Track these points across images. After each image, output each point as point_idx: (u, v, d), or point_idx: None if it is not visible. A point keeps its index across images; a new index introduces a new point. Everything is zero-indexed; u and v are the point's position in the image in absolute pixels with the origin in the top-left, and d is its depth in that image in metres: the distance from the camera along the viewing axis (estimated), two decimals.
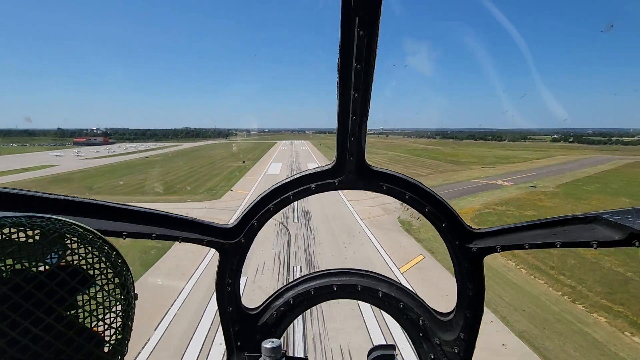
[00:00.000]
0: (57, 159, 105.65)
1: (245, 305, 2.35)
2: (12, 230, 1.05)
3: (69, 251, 1.15)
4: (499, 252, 2.01)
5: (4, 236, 1.04)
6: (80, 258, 1.17)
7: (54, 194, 1.64)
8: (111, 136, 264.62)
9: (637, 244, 1.53)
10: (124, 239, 1.77)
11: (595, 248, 1.66)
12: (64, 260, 1.14)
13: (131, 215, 1.87)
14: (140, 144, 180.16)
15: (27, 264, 1.06)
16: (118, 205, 1.83)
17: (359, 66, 1.64)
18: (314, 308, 2.86)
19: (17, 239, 1.05)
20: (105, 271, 1.22)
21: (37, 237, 1.09)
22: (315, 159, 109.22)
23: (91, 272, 1.19)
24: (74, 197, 1.71)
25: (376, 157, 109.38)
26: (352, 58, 1.63)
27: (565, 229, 1.80)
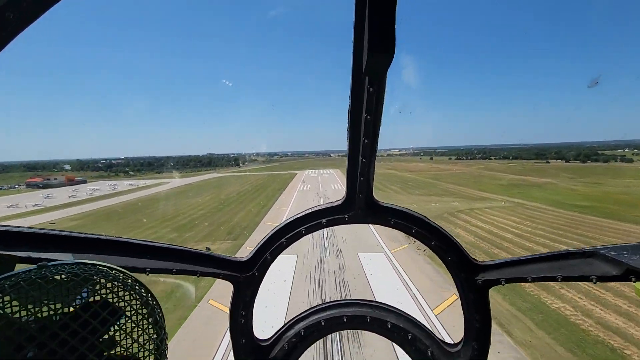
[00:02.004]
0: None
1: (257, 337, 2.37)
2: (57, 277, 1.13)
3: (109, 293, 1.21)
4: (503, 284, 2.07)
5: (52, 282, 1.12)
6: (118, 299, 1.23)
7: (83, 233, 1.74)
8: (116, 167, 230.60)
9: (633, 279, 1.58)
10: (147, 275, 1.82)
11: (595, 283, 1.72)
12: (100, 299, 1.19)
13: (153, 252, 1.92)
14: (114, 182, 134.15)
15: (61, 306, 1.11)
16: (141, 242, 1.91)
17: (368, 117, 1.74)
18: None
19: (57, 284, 1.13)
20: (139, 309, 1.28)
21: (75, 280, 1.16)
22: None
23: (128, 313, 1.24)
24: (102, 235, 1.79)
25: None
26: (362, 110, 1.73)
27: (566, 263, 1.86)
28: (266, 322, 15.85)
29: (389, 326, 2.36)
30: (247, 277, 2.20)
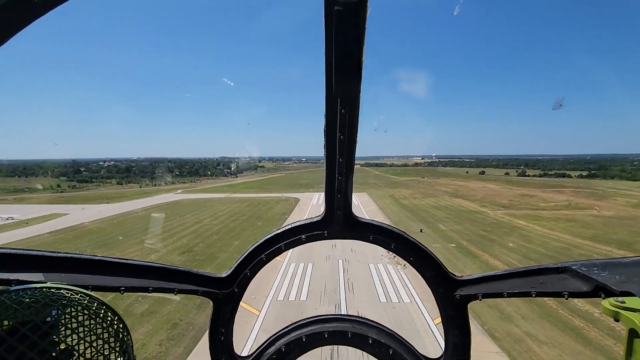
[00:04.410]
0: None
1: (238, 354, 2.35)
2: (15, 304, 1.13)
3: (70, 321, 1.20)
4: (480, 300, 2.08)
5: (10, 308, 1.12)
6: (79, 325, 1.21)
7: (56, 252, 1.73)
8: (86, 172, 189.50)
9: (603, 295, 1.58)
10: (122, 294, 1.83)
11: (567, 299, 1.74)
12: (63, 328, 1.18)
13: (129, 270, 1.92)
14: (10, 215, 74.58)
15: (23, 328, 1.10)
16: (116, 260, 1.89)
17: (342, 136, 1.75)
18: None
19: (14, 310, 1.13)
20: (103, 336, 1.26)
21: (34, 306, 1.16)
22: None
23: (89, 339, 1.23)
24: (75, 253, 1.78)
25: None
26: (336, 129, 1.74)
27: (540, 279, 1.89)
28: None
29: (370, 342, 2.34)
30: (226, 294, 2.19)
